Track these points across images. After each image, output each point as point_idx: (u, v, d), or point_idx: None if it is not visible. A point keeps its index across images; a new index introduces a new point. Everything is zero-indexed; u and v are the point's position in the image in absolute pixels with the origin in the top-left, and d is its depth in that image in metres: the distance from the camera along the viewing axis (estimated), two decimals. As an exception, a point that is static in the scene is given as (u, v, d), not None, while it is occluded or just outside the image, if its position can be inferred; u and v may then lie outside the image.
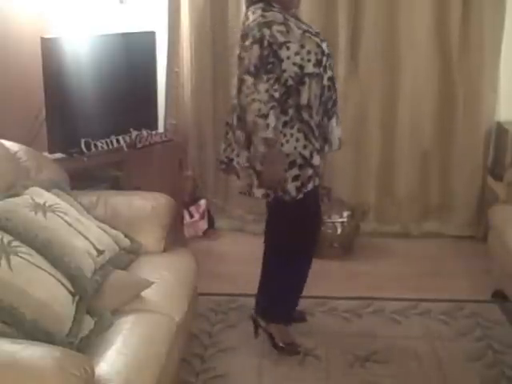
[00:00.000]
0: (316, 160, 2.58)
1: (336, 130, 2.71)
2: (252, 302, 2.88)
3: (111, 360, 1.86)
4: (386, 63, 3.90)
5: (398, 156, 4.02)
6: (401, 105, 3.93)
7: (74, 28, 3.45)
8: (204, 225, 4.15)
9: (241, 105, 2.50)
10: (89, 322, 2.00)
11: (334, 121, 2.69)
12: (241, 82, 2.47)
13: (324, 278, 3.35)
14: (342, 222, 3.74)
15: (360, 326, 3.01)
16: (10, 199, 2.19)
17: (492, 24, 3.75)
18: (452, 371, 2.66)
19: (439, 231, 4.10)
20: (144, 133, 3.59)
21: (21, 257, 1.90)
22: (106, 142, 3.42)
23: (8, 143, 2.63)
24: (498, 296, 3.18)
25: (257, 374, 2.65)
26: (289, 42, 2.47)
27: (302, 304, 2.98)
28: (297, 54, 2.48)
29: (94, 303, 2.08)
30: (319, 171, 2.64)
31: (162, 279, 2.37)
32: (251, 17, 2.51)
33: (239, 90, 2.49)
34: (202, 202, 4.14)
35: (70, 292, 1.98)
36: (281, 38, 2.46)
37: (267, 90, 2.42)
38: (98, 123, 3.44)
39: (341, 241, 3.70)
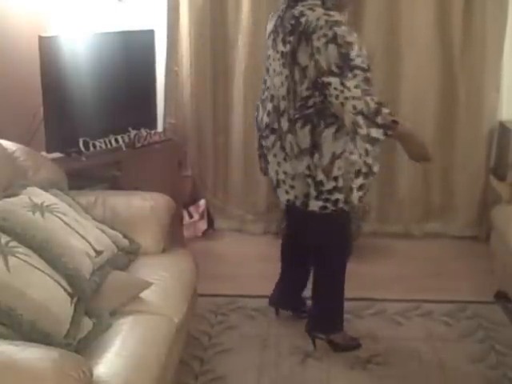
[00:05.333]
0: (377, 167, 2.52)
1: None
2: (252, 302, 2.85)
3: (110, 362, 1.85)
4: (386, 61, 3.87)
5: (400, 156, 3.98)
6: (402, 103, 3.90)
7: (73, 26, 3.44)
8: (203, 225, 4.13)
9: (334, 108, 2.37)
10: (87, 324, 1.99)
11: None
12: (322, 85, 2.35)
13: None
14: (343, 223, 3.71)
15: (361, 328, 2.99)
16: (8, 199, 2.18)
17: (494, 22, 3.73)
18: (454, 373, 2.64)
19: (441, 232, 4.07)
20: (143, 132, 3.57)
21: (18, 257, 1.89)
22: (105, 141, 3.40)
23: (6, 142, 2.61)
24: (501, 297, 3.17)
25: (257, 376, 2.63)
26: (353, 42, 2.36)
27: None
28: (358, 56, 2.36)
29: (93, 304, 2.07)
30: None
31: (161, 280, 2.35)
32: (310, 14, 2.36)
33: (320, 93, 2.37)
34: (202, 203, 4.12)
35: (68, 293, 1.96)
36: (348, 38, 2.35)
37: (356, 86, 2.31)
38: (97, 122, 3.42)
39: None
